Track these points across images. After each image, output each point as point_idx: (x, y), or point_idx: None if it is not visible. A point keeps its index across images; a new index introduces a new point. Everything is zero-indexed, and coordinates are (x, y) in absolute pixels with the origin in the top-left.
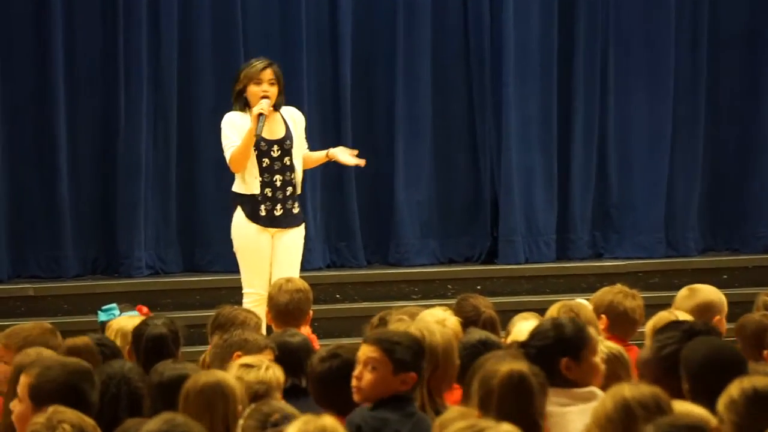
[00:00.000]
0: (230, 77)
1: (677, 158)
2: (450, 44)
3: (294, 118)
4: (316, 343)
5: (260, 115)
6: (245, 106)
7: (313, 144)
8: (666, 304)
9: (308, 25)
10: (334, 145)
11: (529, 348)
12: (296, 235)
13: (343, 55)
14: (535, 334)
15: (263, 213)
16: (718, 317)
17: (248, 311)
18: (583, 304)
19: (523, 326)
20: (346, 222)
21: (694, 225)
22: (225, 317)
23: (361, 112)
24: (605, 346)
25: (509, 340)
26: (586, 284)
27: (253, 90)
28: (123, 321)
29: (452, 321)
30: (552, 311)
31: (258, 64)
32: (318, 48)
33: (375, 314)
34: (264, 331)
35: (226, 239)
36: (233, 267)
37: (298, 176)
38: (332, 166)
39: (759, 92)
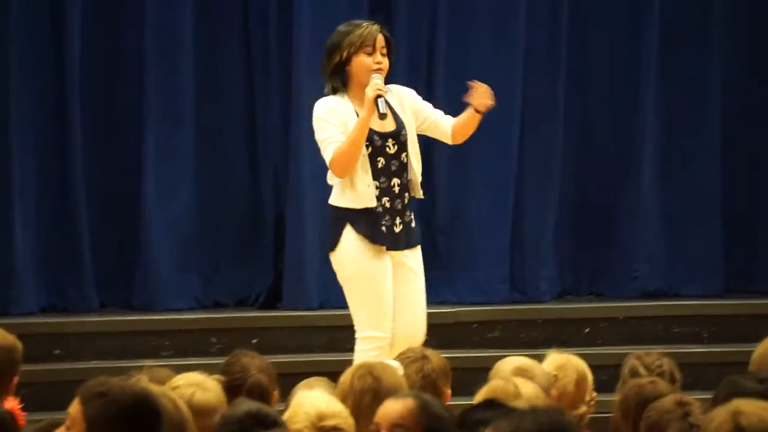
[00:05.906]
0: None
1: (528, 158)
2: (222, 30)
3: (401, 98)
4: (23, 419)
5: (378, 97)
6: (343, 85)
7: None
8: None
9: None
10: None
11: None
12: (419, 258)
13: (70, 41)
14: None
15: (383, 230)
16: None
17: None
18: (390, 365)
19: (306, 397)
20: (70, 247)
21: (547, 258)
22: None
23: (96, 93)
24: None
25: (288, 414)
26: None
27: (362, 61)
28: None
29: (212, 387)
30: (346, 376)
31: (368, 25)
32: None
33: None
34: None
35: None
36: None
37: (417, 177)
38: (46, 161)
39: (640, 80)
